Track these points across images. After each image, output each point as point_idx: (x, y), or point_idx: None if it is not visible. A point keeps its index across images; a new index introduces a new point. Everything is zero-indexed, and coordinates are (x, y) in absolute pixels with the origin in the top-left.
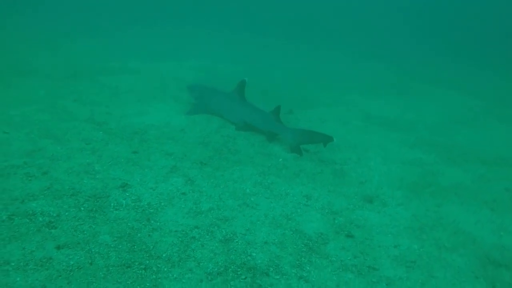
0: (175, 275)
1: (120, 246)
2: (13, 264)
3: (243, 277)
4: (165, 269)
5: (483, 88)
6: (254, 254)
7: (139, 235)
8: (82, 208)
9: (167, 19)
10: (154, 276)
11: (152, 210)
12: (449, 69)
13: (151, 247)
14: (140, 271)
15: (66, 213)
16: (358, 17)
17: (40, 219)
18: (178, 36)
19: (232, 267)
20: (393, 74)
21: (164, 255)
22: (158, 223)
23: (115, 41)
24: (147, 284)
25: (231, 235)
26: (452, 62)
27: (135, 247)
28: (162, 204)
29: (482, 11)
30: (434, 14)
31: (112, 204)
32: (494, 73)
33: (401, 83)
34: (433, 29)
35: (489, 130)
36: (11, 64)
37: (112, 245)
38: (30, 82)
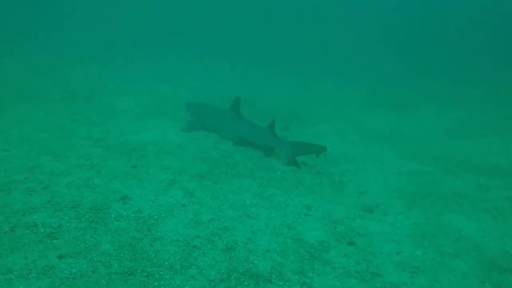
0: (177, 282)
1: (122, 255)
2: (15, 273)
3: (246, 283)
4: (168, 277)
5: (471, 102)
6: (256, 261)
7: (140, 244)
8: (83, 219)
9: (168, 49)
10: (156, 283)
11: (152, 221)
12: (435, 85)
13: (153, 255)
14: (143, 278)
15: (67, 224)
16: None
17: (42, 230)
18: (177, 63)
19: (234, 274)
20: (384, 92)
21: (166, 263)
22: (159, 233)
23: (113, 67)
24: None
25: (233, 244)
26: (436, 79)
27: (137, 255)
28: (163, 215)
29: (455, 28)
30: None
31: (112, 216)
32: (475, 87)
33: (393, 100)
34: (414, 49)
35: (485, 141)
36: (11, 88)
37: (113, 254)
38: (29, 104)
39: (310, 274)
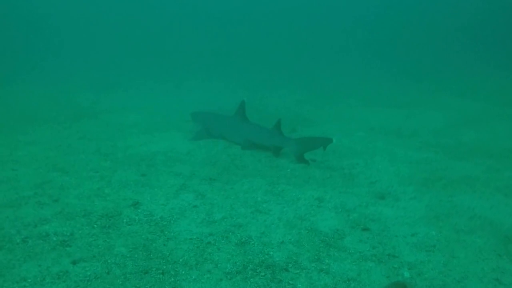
0: (193, 277)
1: (136, 256)
2: (29, 280)
3: (262, 274)
4: (183, 272)
5: (475, 95)
6: (271, 253)
7: (154, 245)
8: (95, 226)
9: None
10: (172, 279)
11: (165, 223)
12: (438, 81)
13: (167, 254)
14: (158, 276)
15: (80, 231)
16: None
17: (54, 239)
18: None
19: (250, 265)
20: (387, 89)
21: (181, 260)
22: (173, 233)
23: (115, 91)
24: (166, 287)
25: (247, 238)
26: (439, 74)
27: (151, 255)
28: (175, 217)
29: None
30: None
31: (124, 220)
32: (478, 81)
33: (397, 96)
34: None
35: (491, 128)
36: (16, 113)
37: (128, 255)
38: (35, 126)
39: (327, 261)
